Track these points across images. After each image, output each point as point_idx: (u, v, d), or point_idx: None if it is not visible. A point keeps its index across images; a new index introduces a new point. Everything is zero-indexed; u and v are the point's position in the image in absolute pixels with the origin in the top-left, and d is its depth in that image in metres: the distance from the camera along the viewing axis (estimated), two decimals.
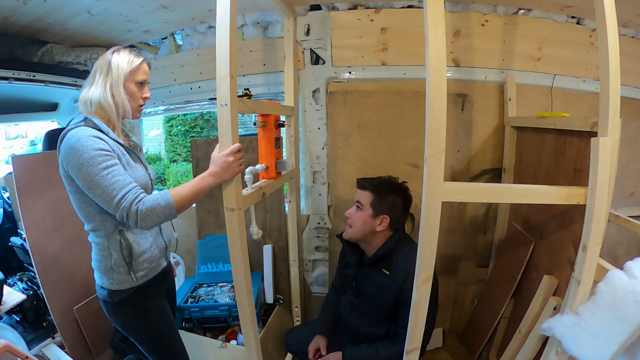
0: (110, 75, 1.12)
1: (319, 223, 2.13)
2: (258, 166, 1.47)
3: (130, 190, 1.02)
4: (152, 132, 7.81)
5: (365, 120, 1.96)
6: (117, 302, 1.16)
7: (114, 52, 1.15)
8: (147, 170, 1.26)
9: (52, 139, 2.34)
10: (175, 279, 1.53)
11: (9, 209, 2.53)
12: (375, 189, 1.47)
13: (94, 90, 1.11)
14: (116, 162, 1.05)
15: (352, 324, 1.60)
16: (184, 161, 7.49)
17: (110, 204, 1.02)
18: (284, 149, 1.75)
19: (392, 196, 1.46)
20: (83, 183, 1.01)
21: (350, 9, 1.86)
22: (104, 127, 1.10)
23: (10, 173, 2.02)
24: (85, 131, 1.03)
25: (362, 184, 1.50)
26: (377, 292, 1.49)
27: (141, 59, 1.17)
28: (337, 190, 2.08)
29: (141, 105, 1.21)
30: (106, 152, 1.03)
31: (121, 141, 1.16)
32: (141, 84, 1.18)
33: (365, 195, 1.47)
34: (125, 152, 1.15)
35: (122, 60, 1.13)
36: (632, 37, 1.87)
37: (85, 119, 1.09)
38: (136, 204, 1.01)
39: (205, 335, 1.97)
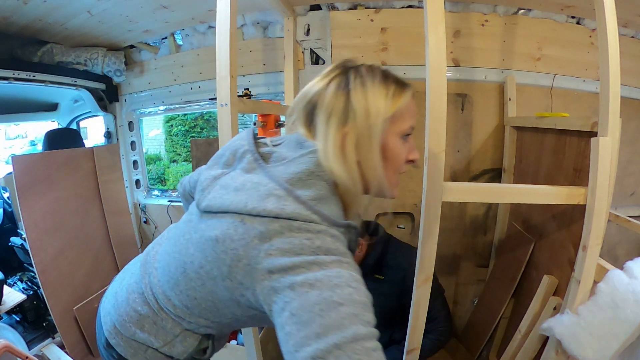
0: (353, 123, 0.62)
1: None
2: None
3: None
4: (152, 132, 7.81)
5: None
6: None
7: (353, 72, 0.64)
8: None
9: (52, 139, 2.36)
10: None
11: (9, 209, 2.53)
12: None
13: (324, 148, 0.62)
14: None
15: None
16: (184, 161, 7.47)
17: None
18: None
19: None
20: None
21: (350, 9, 1.86)
22: (326, 215, 0.59)
23: (10, 173, 2.02)
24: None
25: None
26: (375, 299, 1.47)
27: (407, 88, 0.67)
28: None
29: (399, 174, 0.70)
30: None
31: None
32: (406, 135, 0.68)
33: None
34: None
35: (377, 94, 0.63)
36: (632, 37, 1.87)
37: (310, 205, 0.58)
38: None
39: None
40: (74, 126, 2.95)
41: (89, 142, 3.58)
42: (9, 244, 2.31)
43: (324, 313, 0.48)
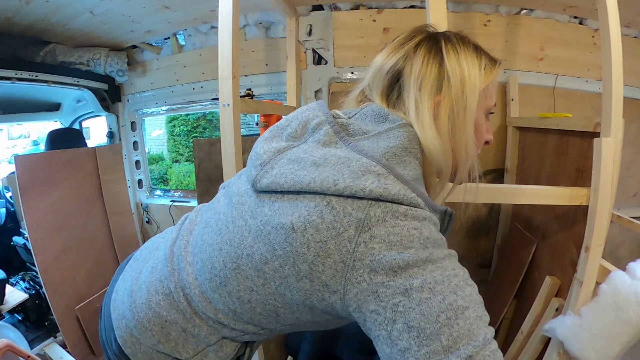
0: (447, 91, 0.56)
1: None
2: None
3: None
4: (155, 132, 7.84)
5: None
6: None
7: (443, 38, 0.59)
8: None
9: (55, 139, 2.37)
10: None
11: (12, 209, 2.54)
12: None
13: (418, 119, 0.55)
14: None
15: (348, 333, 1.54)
16: (186, 161, 7.49)
17: None
18: None
19: None
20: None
21: (352, 9, 1.86)
22: (428, 198, 0.50)
23: (13, 173, 2.03)
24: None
25: None
26: None
27: (498, 62, 0.63)
28: None
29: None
30: None
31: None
32: (490, 113, 0.66)
33: None
34: None
35: (471, 64, 0.57)
36: (635, 37, 1.87)
37: (414, 186, 0.48)
38: None
39: None
40: (76, 126, 2.96)
41: (91, 142, 3.60)
42: (12, 243, 2.33)
43: (452, 322, 0.41)
